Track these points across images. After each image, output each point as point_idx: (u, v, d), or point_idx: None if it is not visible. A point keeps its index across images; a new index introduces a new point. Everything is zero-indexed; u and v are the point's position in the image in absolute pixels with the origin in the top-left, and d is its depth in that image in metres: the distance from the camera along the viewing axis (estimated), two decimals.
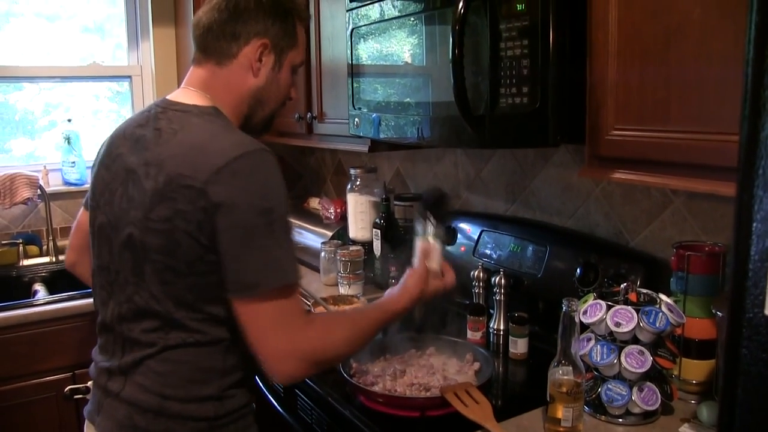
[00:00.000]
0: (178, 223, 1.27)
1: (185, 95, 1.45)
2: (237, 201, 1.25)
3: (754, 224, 0.66)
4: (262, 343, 1.29)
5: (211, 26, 1.45)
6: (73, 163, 3.29)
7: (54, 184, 3.29)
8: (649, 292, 1.52)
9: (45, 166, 3.25)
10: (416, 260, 1.62)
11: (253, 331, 1.29)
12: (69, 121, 3.35)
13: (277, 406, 2.02)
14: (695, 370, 1.55)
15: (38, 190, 3.12)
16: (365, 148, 2.34)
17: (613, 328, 1.45)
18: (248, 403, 1.46)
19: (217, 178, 1.25)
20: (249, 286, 1.27)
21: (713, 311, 1.47)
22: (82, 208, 1.66)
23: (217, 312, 1.34)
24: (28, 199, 3.07)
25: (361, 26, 2.11)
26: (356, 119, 2.19)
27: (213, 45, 1.45)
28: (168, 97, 1.46)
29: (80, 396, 2.47)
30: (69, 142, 3.29)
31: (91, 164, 3.26)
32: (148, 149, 1.35)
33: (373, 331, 1.47)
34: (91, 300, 2.52)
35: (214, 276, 1.30)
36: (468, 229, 2.34)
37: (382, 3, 1.98)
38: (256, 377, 2.16)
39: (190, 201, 1.26)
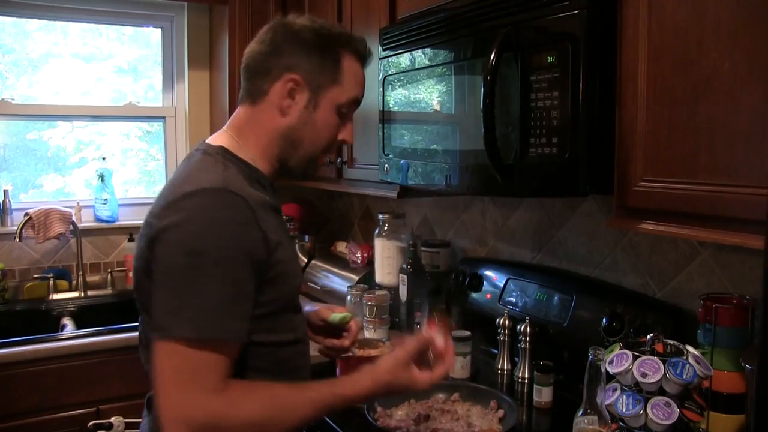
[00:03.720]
0: (139, 264, 1.29)
1: (215, 137, 1.43)
2: (166, 236, 1.19)
3: None
4: (157, 399, 1.16)
5: (249, 62, 1.41)
6: (106, 200, 3.35)
7: (86, 221, 3.35)
8: (676, 343, 1.51)
9: (78, 203, 3.32)
10: (406, 344, 1.40)
11: (155, 381, 1.17)
12: (103, 159, 3.42)
13: None
14: (724, 424, 1.53)
15: (71, 225, 3.17)
16: (394, 194, 2.37)
17: (640, 379, 1.44)
18: None
19: (162, 213, 1.22)
20: (156, 327, 1.17)
21: (743, 365, 1.46)
22: None
23: None
24: (61, 234, 3.12)
25: (392, 74, 2.16)
26: (386, 165, 2.22)
27: (249, 82, 1.41)
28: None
29: (103, 431, 2.48)
30: (102, 180, 3.35)
31: (122, 202, 3.36)
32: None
33: (305, 414, 1.26)
34: (117, 336, 2.59)
35: None
36: (494, 276, 2.35)
37: (413, 52, 2.03)
38: None
39: (145, 239, 1.25)
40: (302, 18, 1.41)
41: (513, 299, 2.22)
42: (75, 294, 3.21)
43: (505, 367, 2.12)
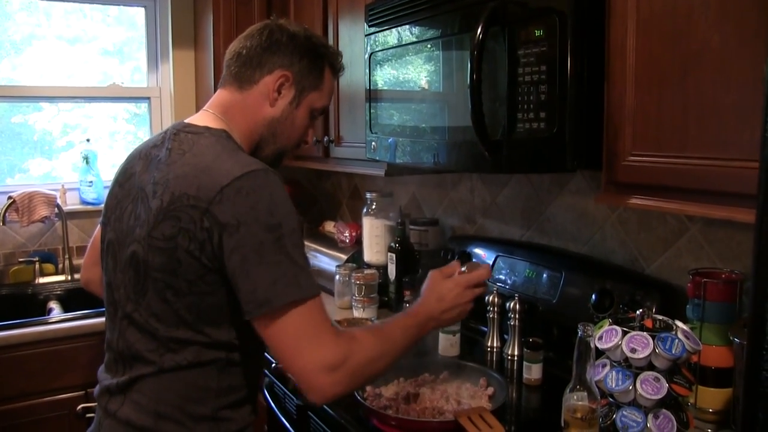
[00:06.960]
0: (180, 242, 1.28)
1: (201, 118, 1.49)
2: (243, 219, 1.25)
3: None
4: (290, 361, 1.26)
5: (241, 52, 1.50)
6: (91, 182, 3.32)
7: (71, 203, 3.33)
8: (665, 318, 1.51)
9: (63, 185, 3.29)
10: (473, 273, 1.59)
11: (278, 351, 1.27)
12: (87, 141, 3.39)
13: (290, 428, 2.01)
14: (712, 398, 1.54)
15: (56, 208, 3.15)
16: (381, 173, 2.36)
17: (629, 354, 1.44)
18: (246, 426, 1.44)
19: (221, 198, 1.25)
20: (262, 303, 1.24)
21: (731, 338, 1.46)
22: (99, 226, 1.66)
23: (214, 334, 1.34)
24: (46, 217, 3.09)
25: (378, 51, 2.13)
26: (373, 143, 2.20)
27: (238, 70, 1.50)
28: (186, 120, 1.49)
29: (92, 415, 2.47)
30: (87, 162, 3.32)
31: (108, 184, 3.32)
32: (159, 169, 1.38)
33: (403, 345, 1.43)
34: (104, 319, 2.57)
35: (214, 297, 1.31)
36: (483, 254, 2.34)
37: (399, 29, 2.00)
38: (269, 399, 2.16)
39: (194, 220, 1.27)
40: (294, 24, 1.55)
41: (502, 277, 2.22)
42: (61, 277, 3.19)
43: (495, 345, 2.12)
